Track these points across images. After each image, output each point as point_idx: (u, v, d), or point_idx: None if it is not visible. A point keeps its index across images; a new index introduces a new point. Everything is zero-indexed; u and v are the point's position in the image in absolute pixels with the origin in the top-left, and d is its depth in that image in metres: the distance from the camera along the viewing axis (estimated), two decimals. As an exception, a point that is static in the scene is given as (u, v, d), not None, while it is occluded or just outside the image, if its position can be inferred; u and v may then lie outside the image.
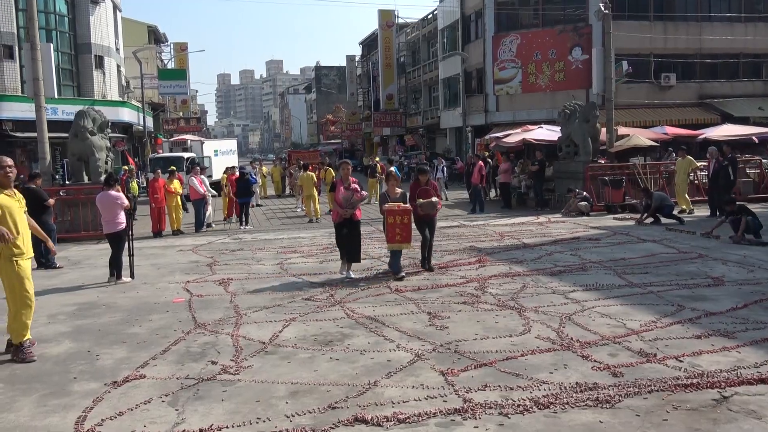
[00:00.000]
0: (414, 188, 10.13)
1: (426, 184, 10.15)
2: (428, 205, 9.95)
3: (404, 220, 9.61)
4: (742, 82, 35.05)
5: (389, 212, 9.64)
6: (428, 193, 10.05)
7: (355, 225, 9.91)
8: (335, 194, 10.01)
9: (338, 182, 10.07)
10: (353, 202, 9.77)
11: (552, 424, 4.45)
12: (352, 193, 9.76)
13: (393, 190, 10.16)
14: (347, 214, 9.73)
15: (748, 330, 6.43)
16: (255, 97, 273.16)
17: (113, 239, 10.40)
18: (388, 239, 9.72)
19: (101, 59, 33.61)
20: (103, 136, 17.35)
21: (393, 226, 9.59)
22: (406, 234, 9.61)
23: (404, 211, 9.67)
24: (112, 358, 6.35)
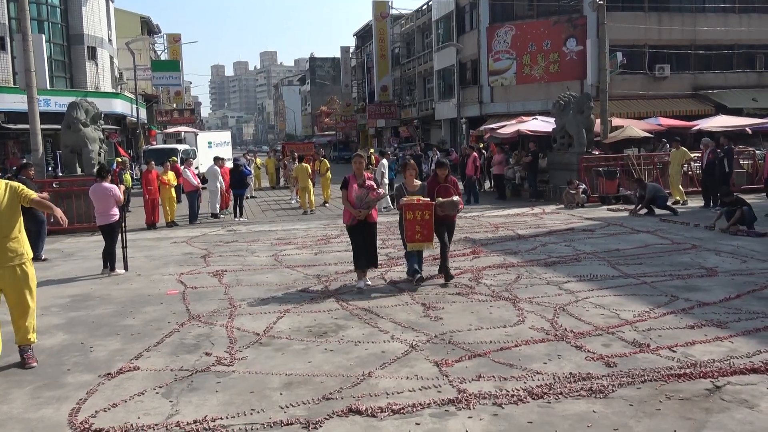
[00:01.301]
0: (432, 185, 8.79)
1: (445, 180, 8.79)
2: (449, 204, 8.59)
3: (425, 215, 8.35)
4: (736, 74, 35.11)
5: (408, 207, 8.39)
6: (448, 191, 8.71)
7: (370, 227, 8.67)
8: (348, 193, 8.52)
9: (350, 178, 8.60)
10: (369, 202, 8.49)
11: (546, 414, 4.47)
12: (367, 191, 8.48)
13: (411, 182, 8.85)
14: (362, 215, 8.46)
15: (741, 320, 6.46)
16: (249, 89, 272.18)
17: (107, 231, 10.37)
18: (407, 238, 8.43)
19: (94, 50, 33.39)
20: (96, 128, 17.26)
21: (412, 222, 8.36)
22: (427, 232, 8.36)
23: (425, 205, 8.40)
24: (106, 350, 6.33)
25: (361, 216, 8.46)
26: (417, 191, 8.73)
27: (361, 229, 8.56)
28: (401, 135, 53.82)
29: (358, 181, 8.55)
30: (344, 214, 8.78)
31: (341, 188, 8.62)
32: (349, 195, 8.51)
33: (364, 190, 8.48)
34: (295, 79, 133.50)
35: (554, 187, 19.73)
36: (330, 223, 15.98)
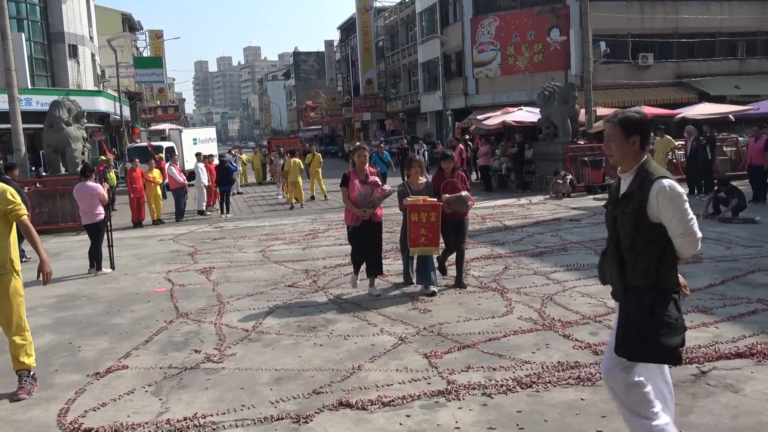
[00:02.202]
0: (437, 181, 7.98)
1: (452, 175, 7.99)
2: (457, 201, 7.72)
3: (431, 217, 7.55)
4: (719, 61, 35.35)
5: (412, 208, 7.58)
6: (456, 187, 7.88)
7: (376, 228, 7.86)
8: (348, 190, 7.70)
9: (351, 174, 7.76)
10: (374, 200, 7.71)
11: (535, 403, 4.50)
12: (371, 188, 7.68)
13: (416, 179, 7.99)
14: (366, 215, 7.65)
15: (726, 306, 6.54)
16: (233, 85, 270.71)
17: (92, 230, 10.30)
18: (411, 241, 7.63)
19: (75, 48, 33.04)
20: (79, 127, 17.12)
21: (417, 225, 7.57)
22: (433, 235, 7.59)
23: (432, 206, 7.58)
24: (94, 349, 6.31)
25: (366, 216, 7.65)
26: (422, 190, 7.89)
27: (367, 231, 7.75)
28: (387, 128, 53.75)
29: (359, 177, 7.70)
30: (346, 214, 7.98)
31: (341, 185, 7.80)
32: (351, 193, 7.70)
33: (368, 186, 7.67)
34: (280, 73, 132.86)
35: (540, 177, 19.81)
36: (317, 218, 15.97)
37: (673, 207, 3.18)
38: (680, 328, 3.22)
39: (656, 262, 3.25)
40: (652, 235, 3.26)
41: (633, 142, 3.34)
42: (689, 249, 3.25)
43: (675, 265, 3.30)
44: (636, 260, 3.30)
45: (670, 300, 3.24)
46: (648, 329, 3.19)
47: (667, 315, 3.20)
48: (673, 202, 3.18)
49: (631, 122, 3.37)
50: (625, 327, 3.27)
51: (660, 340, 3.18)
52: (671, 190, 3.18)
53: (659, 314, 3.20)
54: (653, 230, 3.25)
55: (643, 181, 3.29)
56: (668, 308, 3.22)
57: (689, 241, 3.22)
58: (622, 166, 3.46)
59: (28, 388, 5.18)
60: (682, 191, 3.24)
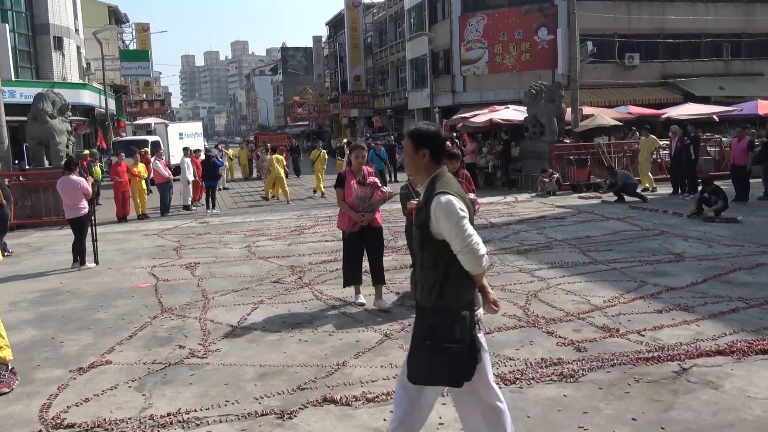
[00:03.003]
0: None
1: (456, 175, 6.92)
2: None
3: None
4: (704, 62, 35.65)
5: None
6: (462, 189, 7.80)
7: (376, 233, 7.18)
8: (344, 192, 7.01)
9: (347, 174, 7.05)
10: (373, 204, 7.02)
11: (518, 399, 4.54)
12: (370, 190, 6.96)
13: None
14: (365, 220, 6.99)
15: (707, 304, 6.61)
16: (220, 79, 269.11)
17: (76, 225, 10.22)
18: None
19: (60, 40, 32.68)
20: (63, 120, 16.96)
21: None
22: None
23: None
24: (77, 344, 6.26)
25: (364, 221, 6.98)
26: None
27: (365, 237, 7.07)
28: (375, 125, 53.70)
29: (356, 177, 6.99)
30: (340, 218, 7.25)
31: (335, 187, 7.13)
32: (347, 195, 6.99)
33: (367, 188, 6.93)
34: (267, 68, 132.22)
35: (526, 175, 19.89)
36: (303, 214, 15.94)
37: (449, 223, 3.09)
38: (463, 350, 3.08)
39: (442, 280, 3.15)
40: (437, 253, 3.16)
41: (422, 155, 3.28)
42: (472, 266, 3.13)
43: (466, 284, 3.19)
44: (425, 278, 3.23)
45: (457, 320, 3.11)
46: (427, 350, 3.10)
47: (449, 336, 3.08)
48: (449, 218, 3.08)
49: (420, 135, 3.30)
50: (411, 345, 3.21)
51: (438, 363, 3.08)
52: (447, 206, 3.09)
53: (439, 335, 3.09)
54: (438, 247, 3.16)
55: (429, 196, 3.23)
56: (452, 329, 3.09)
57: (470, 258, 3.11)
58: (415, 179, 3.44)
59: (8, 382, 5.14)
60: (459, 207, 3.12)
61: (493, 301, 3.35)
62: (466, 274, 3.17)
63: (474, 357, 3.12)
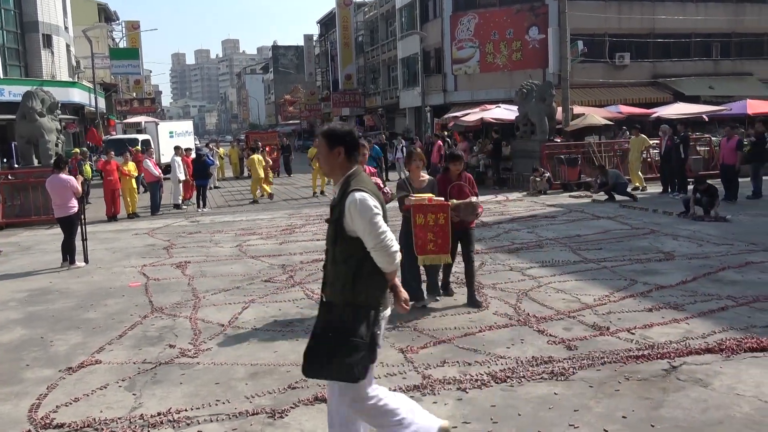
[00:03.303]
0: (444, 183, 7.01)
1: (459, 177, 7.06)
2: (467, 208, 6.85)
3: (440, 219, 6.59)
4: (693, 62, 35.84)
5: (418, 209, 6.59)
6: (463, 191, 6.98)
7: None
8: None
9: None
10: None
11: (509, 397, 4.55)
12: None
13: (417, 175, 6.91)
14: None
15: (697, 302, 6.65)
16: (211, 78, 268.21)
17: (65, 223, 10.16)
18: (418, 249, 6.66)
19: (49, 38, 32.48)
20: (53, 118, 16.85)
21: (424, 229, 6.59)
22: (443, 241, 6.63)
23: (440, 206, 6.61)
24: (66, 344, 6.23)
25: None
26: (425, 188, 6.84)
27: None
28: (366, 124, 53.68)
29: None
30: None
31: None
32: None
33: None
34: (258, 67, 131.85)
35: (517, 174, 19.94)
36: (294, 213, 15.91)
37: (363, 220, 3.13)
38: (364, 346, 3.11)
39: (352, 276, 3.19)
40: (350, 249, 3.20)
41: (338, 154, 3.32)
42: (384, 262, 3.17)
43: (378, 281, 3.22)
44: (335, 274, 3.26)
45: (363, 317, 3.14)
46: (327, 345, 3.13)
47: (352, 332, 3.11)
48: (362, 215, 3.12)
49: (334, 134, 3.35)
50: (310, 340, 3.23)
51: (336, 358, 3.10)
52: (361, 203, 3.14)
53: (343, 331, 3.12)
54: (351, 244, 3.19)
55: (343, 194, 3.27)
56: (357, 326, 3.12)
57: (383, 255, 3.14)
58: (331, 177, 3.49)
59: None
60: (373, 204, 3.16)
61: (404, 299, 3.37)
62: (378, 272, 3.22)
63: (373, 356, 3.16)
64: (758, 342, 5.29)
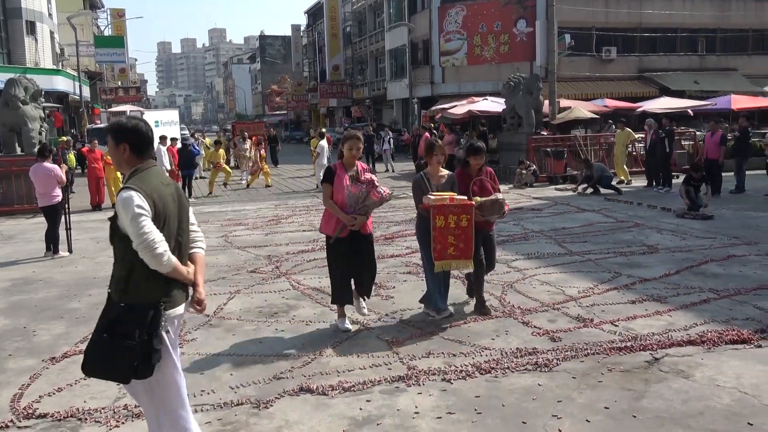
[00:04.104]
0: (464, 179, 6.28)
1: (479, 172, 6.36)
2: (492, 206, 6.11)
3: (462, 221, 5.85)
4: (679, 57, 36.08)
5: (439, 209, 5.81)
6: (486, 187, 6.30)
7: (365, 241, 5.98)
8: (333, 189, 5.83)
9: (338, 169, 5.90)
10: (368, 205, 5.86)
11: (493, 388, 4.58)
12: (366, 189, 5.81)
13: (436, 171, 6.17)
14: (357, 224, 5.79)
15: (679, 295, 6.72)
16: (197, 67, 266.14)
17: (49, 213, 10.06)
18: (436, 253, 5.90)
19: (33, 25, 32.05)
20: (36, 106, 16.64)
21: (444, 231, 5.84)
22: (465, 245, 5.90)
23: (463, 206, 5.87)
24: (49, 334, 6.18)
25: (356, 226, 5.79)
26: (444, 185, 6.13)
27: (352, 245, 5.87)
28: (353, 115, 53.57)
29: (348, 172, 5.85)
30: (325, 220, 6.00)
31: (323, 182, 5.99)
32: (336, 193, 5.82)
33: (361, 186, 5.81)
34: (245, 57, 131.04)
35: (504, 167, 19.99)
36: (281, 204, 15.87)
37: (126, 218, 3.09)
38: (136, 347, 3.01)
39: (126, 274, 3.15)
40: (124, 247, 3.16)
41: (123, 150, 3.27)
42: (151, 263, 3.10)
43: (158, 280, 3.15)
44: (115, 271, 3.25)
45: (136, 316, 3.07)
46: (102, 344, 3.08)
47: (125, 332, 3.04)
48: (126, 213, 3.09)
49: (119, 130, 3.29)
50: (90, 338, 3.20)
51: (109, 357, 3.04)
52: (125, 201, 3.09)
53: (117, 330, 3.06)
54: (124, 241, 3.15)
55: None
56: (130, 325, 3.05)
57: (147, 256, 3.08)
58: (120, 171, 3.46)
59: None
60: (137, 204, 3.09)
61: (198, 300, 3.33)
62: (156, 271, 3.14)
63: (148, 356, 3.04)
64: (739, 334, 5.36)
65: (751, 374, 4.66)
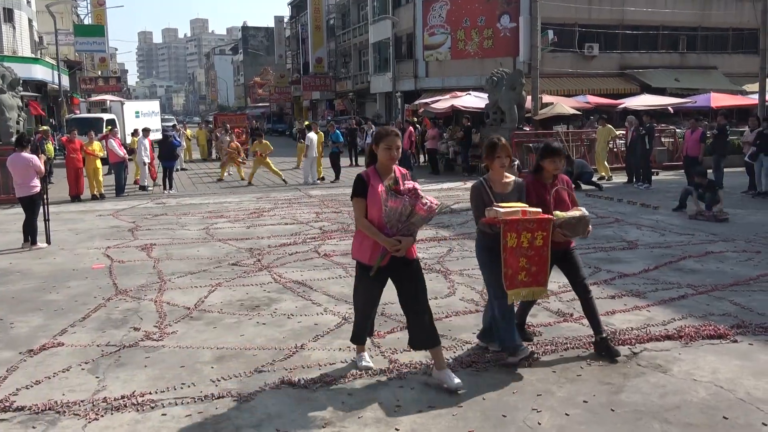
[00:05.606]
0: (536, 188, 5.07)
1: (555, 180, 5.15)
2: (576, 224, 4.93)
3: (537, 240, 4.71)
4: (660, 54, 36.36)
5: (511, 225, 4.61)
6: (563, 199, 5.13)
7: (413, 270, 4.65)
8: (367, 205, 4.49)
9: (371, 177, 4.50)
10: (414, 222, 4.41)
11: (474, 382, 4.61)
12: (409, 200, 4.30)
13: (500, 176, 4.91)
14: (401, 248, 4.43)
15: (658, 290, 6.80)
16: (179, 57, 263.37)
17: (27, 203, 9.93)
18: (508, 280, 4.72)
19: (10, 12, 31.53)
20: (14, 95, 16.41)
21: (515, 252, 4.68)
22: (538, 268, 4.81)
23: (539, 221, 4.70)
24: (27, 326, 6.11)
25: (400, 251, 4.43)
26: (510, 194, 4.87)
27: (394, 274, 4.63)
28: (336, 108, 53.39)
29: (385, 181, 4.42)
30: (357, 243, 4.67)
31: (354, 196, 4.53)
32: (371, 209, 4.47)
33: (403, 199, 4.30)
34: (228, 48, 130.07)
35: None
36: (263, 196, 15.79)
37: None
38: None
39: None
40: None
41: None
42: None
43: None
44: None
45: None
46: None
47: None
48: None
49: None
50: None
51: None
52: None
53: None
54: None
55: None
56: None
57: None
58: None
59: None
60: None
61: None
62: None
63: None
64: (715, 329, 5.44)
65: (726, 369, 4.73)
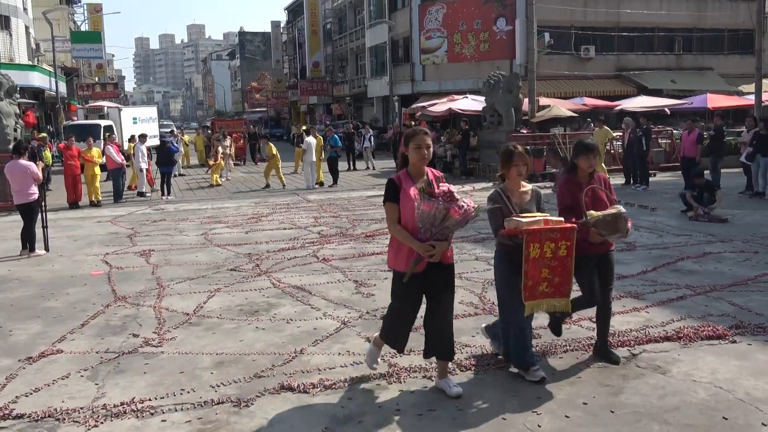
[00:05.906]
0: (571, 188, 4.95)
1: (591, 179, 4.97)
2: (612, 222, 4.67)
3: (561, 250, 4.50)
4: (657, 56, 36.46)
5: (534, 235, 4.43)
6: (600, 198, 4.93)
7: (447, 276, 4.53)
8: (400, 209, 4.35)
9: (403, 180, 4.39)
10: (449, 226, 4.30)
11: (473, 385, 4.61)
12: (443, 204, 4.22)
13: (517, 185, 4.82)
14: (436, 254, 4.28)
15: (657, 291, 6.81)
16: (176, 63, 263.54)
17: (25, 210, 9.92)
18: (527, 291, 4.51)
19: (7, 19, 31.55)
20: (11, 102, 16.39)
21: (538, 263, 4.48)
22: (561, 279, 4.57)
23: (562, 231, 4.51)
24: (26, 333, 6.11)
25: (435, 256, 4.28)
26: (528, 204, 4.74)
27: (431, 280, 4.45)
28: (333, 112, 53.43)
29: (418, 185, 4.34)
30: (393, 252, 4.54)
31: (386, 201, 4.41)
32: (404, 214, 4.33)
33: (437, 202, 4.21)
34: (225, 53, 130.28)
35: (484, 165, 20.09)
36: (261, 201, 15.80)
37: None
38: None
39: None
40: None
41: None
42: None
43: None
44: None
45: None
46: None
47: None
48: None
49: None
50: None
51: None
52: None
53: None
54: None
55: None
56: None
57: None
58: None
59: None
60: None
61: None
62: None
63: None
64: (714, 330, 5.45)
65: (726, 369, 4.74)
